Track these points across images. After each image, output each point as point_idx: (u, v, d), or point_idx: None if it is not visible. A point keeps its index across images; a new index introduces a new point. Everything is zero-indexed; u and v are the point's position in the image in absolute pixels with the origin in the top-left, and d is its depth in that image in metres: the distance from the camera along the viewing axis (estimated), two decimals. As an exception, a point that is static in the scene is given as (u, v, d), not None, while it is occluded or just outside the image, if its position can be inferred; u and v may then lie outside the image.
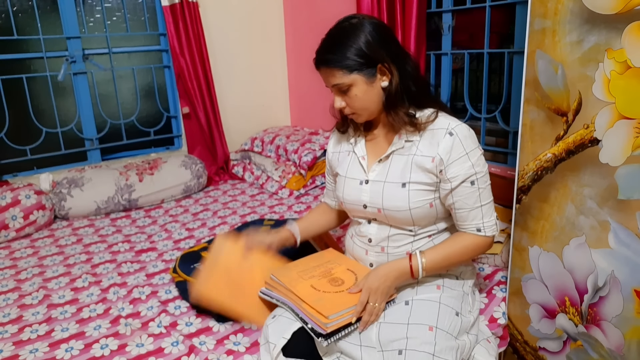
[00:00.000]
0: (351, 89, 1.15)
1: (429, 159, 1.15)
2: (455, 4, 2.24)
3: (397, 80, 1.14)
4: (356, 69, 1.12)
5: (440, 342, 1.08)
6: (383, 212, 1.21)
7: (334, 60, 1.13)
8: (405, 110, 1.17)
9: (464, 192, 1.15)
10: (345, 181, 1.30)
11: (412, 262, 1.17)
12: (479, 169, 1.15)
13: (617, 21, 1.08)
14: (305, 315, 1.13)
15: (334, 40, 1.14)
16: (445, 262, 1.19)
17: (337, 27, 1.16)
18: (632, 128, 1.10)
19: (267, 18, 3.08)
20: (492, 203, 1.20)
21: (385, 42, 1.14)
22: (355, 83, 1.14)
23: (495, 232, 1.20)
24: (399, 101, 1.16)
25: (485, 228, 1.18)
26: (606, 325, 1.25)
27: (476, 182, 1.15)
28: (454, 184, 1.14)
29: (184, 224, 2.19)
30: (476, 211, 1.17)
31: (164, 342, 1.31)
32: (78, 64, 2.50)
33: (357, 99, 1.16)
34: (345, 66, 1.12)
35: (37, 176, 2.39)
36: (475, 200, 1.16)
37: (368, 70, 1.13)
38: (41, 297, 1.58)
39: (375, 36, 1.12)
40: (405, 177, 1.18)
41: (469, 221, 1.18)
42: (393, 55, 1.14)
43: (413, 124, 1.17)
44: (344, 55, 1.12)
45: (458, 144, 1.13)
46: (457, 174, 1.14)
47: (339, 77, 1.14)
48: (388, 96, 1.16)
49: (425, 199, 1.18)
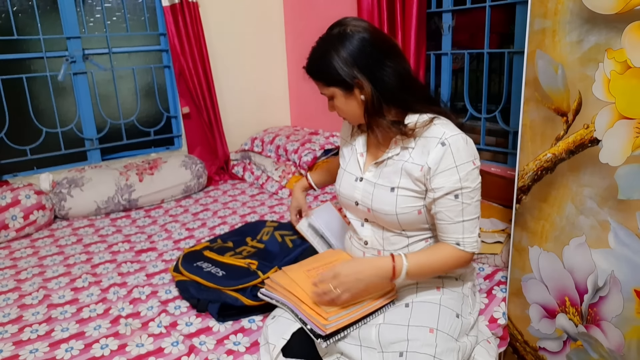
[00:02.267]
0: (333, 99, 1.18)
1: (418, 167, 1.14)
2: (455, 4, 2.24)
3: (370, 96, 1.12)
4: (332, 84, 1.15)
5: (441, 344, 1.08)
6: (372, 213, 1.21)
7: (314, 72, 1.17)
8: (389, 120, 1.15)
9: (446, 204, 1.12)
10: (344, 174, 1.31)
11: (395, 263, 1.13)
12: (466, 184, 1.10)
13: (617, 21, 1.08)
14: (305, 316, 1.13)
15: (315, 53, 1.17)
16: (427, 269, 1.16)
17: (323, 37, 1.17)
18: (632, 128, 1.10)
19: (267, 18, 3.08)
20: (476, 220, 1.15)
21: (362, 57, 1.11)
22: (335, 95, 1.17)
23: (476, 249, 1.16)
24: (377, 113, 1.15)
25: (465, 244, 1.14)
26: (606, 325, 1.25)
27: (460, 197, 1.11)
28: (437, 195, 1.11)
29: (184, 224, 2.19)
30: (457, 226, 1.13)
31: (164, 342, 1.31)
32: (78, 64, 2.50)
33: (339, 109, 1.20)
34: (322, 78, 1.16)
35: (37, 176, 2.39)
36: (457, 214, 1.12)
37: (344, 85, 1.13)
38: (41, 297, 1.58)
39: (353, 51, 1.10)
40: (394, 182, 1.17)
41: (449, 234, 1.14)
42: (367, 71, 1.11)
43: (402, 132, 1.15)
44: (320, 69, 1.15)
45: (449, 155, 1.10)
46: (442, 185, 1.10)
47: (321, 87, 1.19)
48: (365, 109, 1.15)
49: (412, 205, 1.16)
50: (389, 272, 1.12)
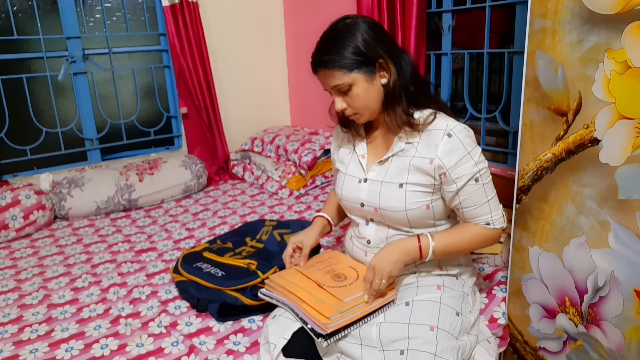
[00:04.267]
0: (352, 88, 1.14)
1: (426, 161, 1.15)
2: (455, 4, 2.24)
3: (395, 77, 1.15)
4: (356, 68, 1.12)
5: (441, 342, 1.08)
6: (380, 212, 1.22)
7: (332, 61, 1.12)
8: (404, 108, 1.17)
9: (470, 191, 1.16)
10: (345, 178, 1.30)
11: (421, 243, 1.17)
12: (481, 166, 1.16)
13: (617, 21, 1.08)
14: (306, 316, 1.13)
15: (330, 41, 1.13)
16: (453, 248, 1.20)
17: (332, 29, 1.16)
18: (632, 128, 1.10)
19: (267, 18, 3.08)
20: (496, 196, 1.21)
21: (381, 39, 1.14)
22: (356, 82, 1.13)
23: (504, 224, 1.22)
24: (397, 99, 1.16)
25: (494, 221, 1.20)
26: (606, 325, 1.25)
27: (480, 179, 1.16)
28: (460, 184, 1.15)
29: (184, 224, 2.19)
30: (484, 207, 1.18)
31: (164, 342, 1.31)
32: (78, 64, 2.50)
33: (359, 98, 1.15)
34: (344, 65, 1.11)
35: (37, 176, 2.39)
36: (482, 196, 1.17)
37: (367, 67, 1.13)
38: (41, 297, 1.58)
39: (371, 34, 1.12)
40: (402, 178, 1.18)
41: (479, 217, 1.19)
42: (390, 52, 1.14)
43: (410, 124, 1.16)
44: (342, 55, 1.11)
45: (458, 144, 1.13)
46: (462, 174, 1.14)
47: (339, 77, 1.13)
48: (387, 93, 1.16)
49: (421, 200, 1.18)
50: (416, 251, 1.18)
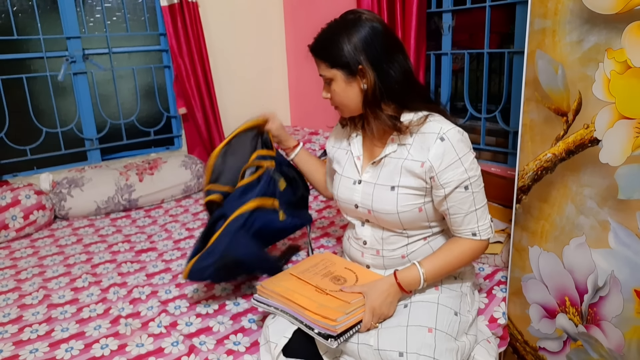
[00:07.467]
0: (332, 83, 1.18)
1: (418, 164, 1.14)
2: (455, 4, 2.24)
3: (372, 86, 1.13)
4: (336, 66, 1.15)
5: (440, 345, 1.08)
6: (373, 214, 1.22)
7: (320, 50, 1.17)
8: (389, 114, 1.16)
9: (458, 198, 1.14)
10: (341, 179, 1.31)
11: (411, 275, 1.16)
12: (472, 174, 1.13)
13: (617, 21, 1.08)
14: (311, 322, 1.12)
15: (327, 32, 1.17)
16: (444, 270, 1.19)
17: (337, 20, 1.18)
18: (632, 128, 1.10)
19: (267, 18, 3.08)
20: (486, 206, 1.18)
21: (375, 45, 1.12)
22: (335, 79, 1.17)
23: (490, 235, 1.19)
24: (376, 105, 1.16)
25: (481, 232, 1.17)
26: (606, 325, 1.25)
27: (470, 187, 1.13)
28: (448, 190, 1.13)
29: (184, 224, 2.19)
30: (471, 216, 1.15)
31: (164, 342, 1.31)
32: (78, 64, 2.50)
33: (336, 94, 1.19)
34: (327, 59, 1.16)
35: (37, 176, 2.39)
36: (470, 205, 1.14)
37: (348, 69, 1.14)
38: (41, 297, 1.58)
39: (366, 39, 1.12)
40: (394, 181, 1.18)
41: (464, 226, 1.17)
42: (375, 60, 1.12)
43: (397, 128, 1.16)
44: (328, 49, 1.15)
45: (450, 148, 1.11)
46: (450, 180, 1.12)
47: (323, 68, 1.18)
48: (364, 98, 1.16)
49: (413, 203, 1.17)
50: (408, 286, 1.17)
